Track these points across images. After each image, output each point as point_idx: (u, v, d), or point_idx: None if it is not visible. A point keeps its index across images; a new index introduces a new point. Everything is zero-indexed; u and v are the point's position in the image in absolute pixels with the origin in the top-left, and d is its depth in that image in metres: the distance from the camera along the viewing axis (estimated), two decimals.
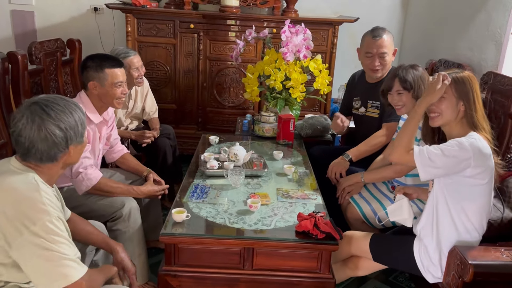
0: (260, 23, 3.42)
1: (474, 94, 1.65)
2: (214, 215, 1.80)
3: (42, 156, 1.36)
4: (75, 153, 1.44)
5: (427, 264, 1.72)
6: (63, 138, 1.36)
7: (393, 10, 3.96)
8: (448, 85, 1.65)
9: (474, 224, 1.66)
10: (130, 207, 2.05)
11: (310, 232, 1.67)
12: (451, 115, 1.66)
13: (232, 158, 2.26)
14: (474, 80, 1.67)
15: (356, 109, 2.69)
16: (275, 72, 2.72)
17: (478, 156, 1.56)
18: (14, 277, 1.34)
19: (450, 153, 1.57)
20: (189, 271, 1.70)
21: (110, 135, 2.32)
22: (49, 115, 1.33)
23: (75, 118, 1.39)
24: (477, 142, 1.58)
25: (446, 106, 1.66)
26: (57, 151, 1.37)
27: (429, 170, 1.61)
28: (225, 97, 3.63)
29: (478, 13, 2.89)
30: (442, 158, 1.57)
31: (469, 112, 1.65)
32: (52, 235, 1.28)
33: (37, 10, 3.83)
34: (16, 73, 2.42)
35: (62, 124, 1.35)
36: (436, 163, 1.58)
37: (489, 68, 2.73)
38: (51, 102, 1.37)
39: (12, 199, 1.28)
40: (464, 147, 1.56)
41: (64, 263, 1.29)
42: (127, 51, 2.68)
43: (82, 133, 1.43)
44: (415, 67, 2.11)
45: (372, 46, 2.46)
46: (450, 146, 1.58)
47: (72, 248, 1.33)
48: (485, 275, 1.52)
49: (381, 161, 2.34)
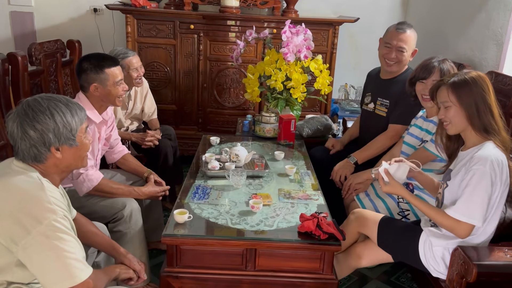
0: (260, 24, 3.42)
1: (480, 94, 1.59)
2: (216, 216, 1.80)
3: (24, 155, 1.35)
4: (68, 155, 1.40)
5: (430, 257, 1.71)
6: (40, 139, 1.33)
7: (393, 11, 3.96)
8: (448, 94, 1.62)
9: (486, 228, 1.65)
10: (131, 208, 2.04)
11: (312, 232, 1.66)
12: (460, 122, 1.62)
13: (234, 158, 2.25)
14: (480, 79, 1.61)
15: (366, 104, 2.66)
16: (276, 72, 2.72)
17: (499, 175, 1.55)
18: (18, 277, 1.33)
19: (482, 193, 1.54)
20: (191, 273, 1.69)
21: (110, 136, 2.31)
22: (26, 114, 1.33)
23: (56, 120, 1.34)
24: (493, 162, 1.53)
25: (453, 115, 1.62)
26: (38, 152, 1.35)
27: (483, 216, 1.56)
28: (225, 98, 3.62)
29: (479, 13, 2.89)
30: (483, 203, 1.54)
31: (477, 115, 1.59)
32: (59, 233, 1.27)
33: (36, 11, 3.82)
34: (16, 74, 2.42)
35: (39, 125, 1.33)
36: (483, 209, 1.55)
37: (490, 67, 2.72)
38: (37, 102, 1.35)
39: (17, 198, 1.28)
40: (488, 177, 1.53)
41: (71, 263, 1.28)
42: (126, 51, 2.67)
43: (68, 136, 1.38)
44: (447, 61, 2.07)
45: (393, 38, 2.42)
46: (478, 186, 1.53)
47: (79, 248, 1.32)
48: (489, 275, 1.52)
49: (388, 158, 2.31)
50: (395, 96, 2.43)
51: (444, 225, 1.63)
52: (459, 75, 1.64)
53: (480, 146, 1.61)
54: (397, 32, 2.42)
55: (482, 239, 1.67)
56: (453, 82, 1.63)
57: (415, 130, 2.23)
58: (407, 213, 2.13)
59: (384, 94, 2.51)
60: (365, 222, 1.91)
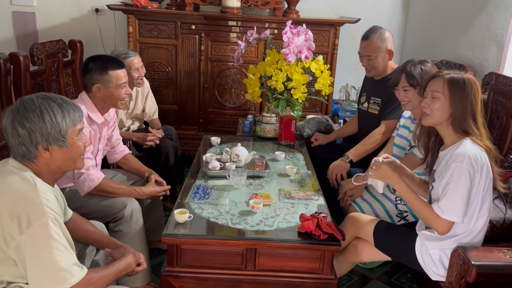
0: (262, 24, 3.42)
1: (470, 97, 1.61)
2: (216, 216, 1.80)
3: (15, 152, 1.36)
4: (58, 156, 1.39)
5: (428, 261, 1.72)
6: (27, 137, 1.34)
7: (394, 11, 3.96)
8: (443, 86, 1.62)
9: (475, 225, 1.65)
10: (132, 208, 2.04)
11: (312, 233, 1.66)
12: (441, 117, 1.64)
13: (234, 159, 2.26)
14: (474, 84, 1.62)
15: (361, 104, 2.72)
16: (277, 73, 2.72)
17: (478, 171, 1.56)
18: (17, 276, 1.33)
19: (462, 190, 1.55)
20: (192, 272, 1.69)
21: (111, 136, 2.32)
22: (18, 112, 1.34)
23: (45, 120, 1.34)
24: (470, 158, 1.54)
25: (438, 107, 1.63)
26: (26, 151, 1.35)
27: (463, 212, 1.57)
28: (226, 98, 3.63)
29: (479, 14, 2.89)
30: (462, 199, 1.55)
31: (460, 116, 1.61)
32: (48, 237, 1.26)
33: (38, 11, 3.83)
34: (18, 74, 2.42)
35: (27, 123, 1.33)
36: (463, 205, 1.56)
37: (490, 69, 2.72)
38: (31, 100, 1.36)
39: (9, 199, 1.28)
40: (466, 174, 1.54)
41: (58, 267, 1.27)
42: (128, 52, 2.68)
43: (57, 137, 1.36)
44: (424, 63, 2.09)
45: (360, 47, 2.54)
46: (457, 183, 1.55)
47: (67, 253, 1.30)
48: (488, 276, 1.52)
49: None
50: (386, 94, 2.47)
51: (425, 219, 1.66)
52: (457, 73, 1.65)
53: (458, 144, 1.62)
54: (362, 41, 2.52)
55: (471, 237, 1.66)
56: (451, 77, 1.63)
57: (404, 132, 2.25)
58: (406, 215, 2.13)
59: (376, 93, 2.58)
60: (361, 227, 1.92)
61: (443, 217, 1.58)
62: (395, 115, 2.41)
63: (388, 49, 2.49)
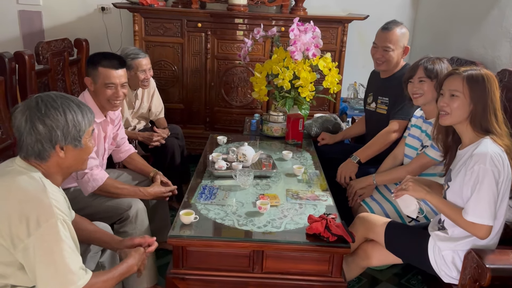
0: (268, 22, 3.38)
1: (491, 94, 1.56)
2: (222, 217, 1.77)
3: (28, 151, 1.34)
4: (70, 156, 1.39)
5: (440, 262, 1.67)
6: (47, 135, 1.32)
7: (404, 8, 3.90)
8: (462, 84, 1.57)
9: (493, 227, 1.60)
10: (137, 209, 2.02)
11: (321, 234, 1.63)
12: (460, 116, 1.59)
13: (241, 158, 2.23)
14: (493, 79, 1.58)
15: (369, 104, 2.66)
16: (284, 71, 2.68)
17: (501, 170, 1.51)
18: (21, 280, 1.32)
19: (488, 191, 1.50)
20: (198, 274, 1.67)
21: (116, 134, 2.30)
22: (39, 109, 1.32)
23: (68, 118, 1.34)
24: (492, 157, 1.49)
25: (457, 106, 1.58)
26: (42, 149, 1.33)
27: (492, 214, 1.52)
28: (233, 97, 3.60)
29: (491, 9, 2.83)
30: (490, 202, 1.50)
31: (481, 114, 1.56)
32: (57, 239, 1.25)
33: (44, 10, 3.83)
34: (23, 73, 2.41)
35: (49, 120, 1.32)
36: (491, 207, 1.51)
37: (503, 65, 2.66)
38: (51, 98, 1.35)
39: (18, 199, 1.26)
40: (490, 175, 1.49)
41: (67, 269, 1.26)
42: (138, 52, 2.65)
43: (75, 137, 1.37)
44: (442, 60, 2.05)
45: (378, 37, 2.45)
46: (482, 185, 1.50)
47: (74, 256, 1.30)
48: (503, 279, 1.47)
49: (392, 160, 2.29)
50: (394, 93, 2.41)
51: (462, 226, 1.58)
52: (475, 69, 1.60)
53: (477, 143, 1.57)
54: (382, 32, 2.43)
55: (487, 239, 1.61)
56: (470, 74, 1.58)
57: (415, 131, 2.21)
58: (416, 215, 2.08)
59: (383, 93, 2.52)
60: (372, 227, 1.87)
61: (478, 222, 1.51)
62: (403, 115, 2.36)
63: (405, 46, 2.45)
